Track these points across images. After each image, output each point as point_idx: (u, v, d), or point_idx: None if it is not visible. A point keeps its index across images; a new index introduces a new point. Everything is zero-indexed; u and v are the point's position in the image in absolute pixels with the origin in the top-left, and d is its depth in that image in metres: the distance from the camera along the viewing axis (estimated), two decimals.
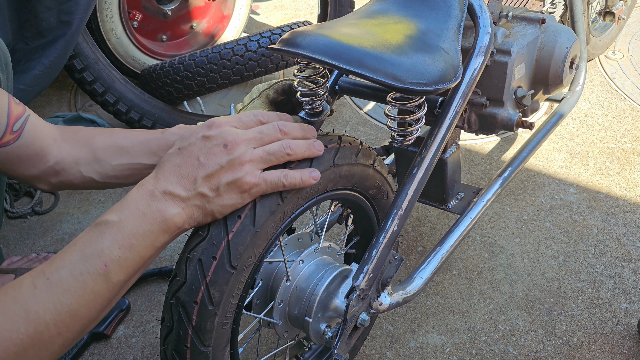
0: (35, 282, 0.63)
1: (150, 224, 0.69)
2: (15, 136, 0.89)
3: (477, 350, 1.31)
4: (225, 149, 0.72)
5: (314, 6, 3.02)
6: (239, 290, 0.85)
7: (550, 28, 1.29)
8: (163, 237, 0.72)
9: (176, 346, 0.83)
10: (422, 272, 1.11)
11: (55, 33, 1.59)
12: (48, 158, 0.94)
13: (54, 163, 0.94)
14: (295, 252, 1.03)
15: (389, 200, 1.12)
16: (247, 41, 1.93)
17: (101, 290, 0.66)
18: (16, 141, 0.90)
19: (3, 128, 0.88)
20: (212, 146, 0.72)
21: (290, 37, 0.89)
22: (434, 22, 1.00)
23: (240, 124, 0.77)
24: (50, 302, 0.63)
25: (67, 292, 0.64)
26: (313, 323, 0.99)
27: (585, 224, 1.63)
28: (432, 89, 0.88)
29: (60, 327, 0.64)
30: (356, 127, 2.09)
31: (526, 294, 1.43)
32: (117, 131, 1.05)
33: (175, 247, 1.61)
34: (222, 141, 0.73)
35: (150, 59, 2.19)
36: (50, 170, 0.94)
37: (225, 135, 0.73)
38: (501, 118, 1.22)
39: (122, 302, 1.41)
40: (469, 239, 1.59)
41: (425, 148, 1.01)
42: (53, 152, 0.94)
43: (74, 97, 2.34)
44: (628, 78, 2.29)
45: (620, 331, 1.34)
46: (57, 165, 0.95)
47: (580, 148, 1.92)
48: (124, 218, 0.68)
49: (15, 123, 0.89)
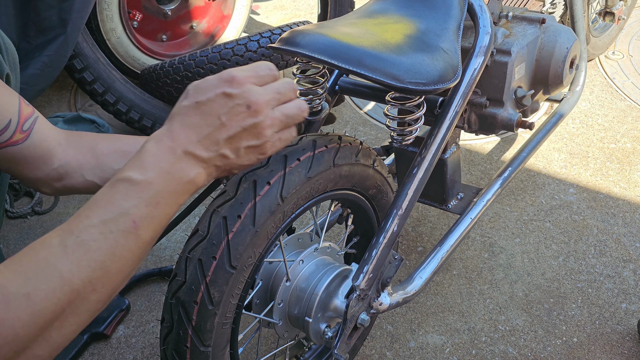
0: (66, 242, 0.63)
1: (175, 184, 0.68)
2: (24, 136, 0.90)
3: (477, 350, 1.31)
4: (249, 111, 0.70)
5: (314, 6, 3.02)
6: (239, 290, 0.85)
7: (550, 28, 1.29)
8: (186, 196, 0.71)
9: (176, 346, 0.83)
10: (422, 272, 1.11)
11: (55, 31, 1.60)
12: (53, 161, 0.94)
13: (58, 166, 0.95)
14: (295, 252, 1.03)
15: (389, 200, 1.12)
16: (247, 41, 1.93)
17: (132, 247, 0.66)
18: (25, 141, 0.90)
19: (14, 127, 0.88)
20: (235, 105, 0.70)
21: (290, 36, 0.89)
22: (433, 22, 1.00)
23: (259, 79, 0.74)
24: (84, 261, 0.63)
25: (99, 250, 0.64)
26: (313, 323, 0.99)
27: (585, 224, 1.63)
28: (431, 88, 0.88)
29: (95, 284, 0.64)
30: (356, 127, 2.09)
31: (526, 294, 1.43)
32: (121, 137, 1.05)
33: (175, 247, 1.61)
34: (245, 101, 0.70)
35: (150, 58, 2.19)
36: (55, 173, 0.95)
37: (248, 96, 0.70)
38: (501, 118, 1.22)
39: (122, 302, 1.41)
40: (469, 239, 1.59)
41: (425, 148, 1.01)
42: (58, 156, 0.95)
43: (74, 97, 2.34)
44: (628, 78, 2.29)
45: (620, 331, 1.34)
46: (61, 168, 0.95)
47: (580, 148, 1.92)
48: (149, 177, 0.67)
49: (25, 122, 0.89)
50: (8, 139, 0.88)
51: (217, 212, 0.83)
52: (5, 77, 0.96)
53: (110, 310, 1.39)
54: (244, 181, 0.85)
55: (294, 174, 0.86)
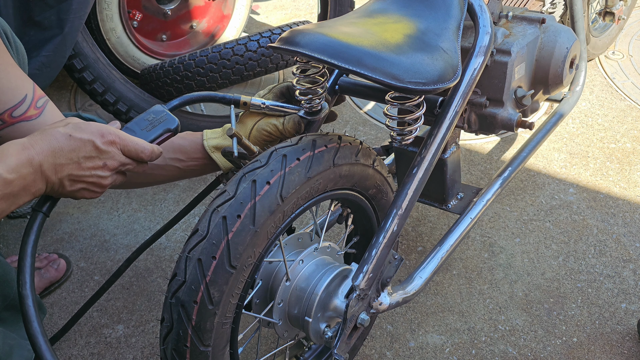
0: None
1: (18, 187, 0.78)
2: (38, 112, 0.97)
3: (476, 350, 1.31)
4: (103, 167, 0.84)
5: (314, 6, 3.02)
6: (239, 290, 0.85)
7: (550, 28, 1.29)
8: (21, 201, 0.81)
9: (176, 346, 0.83)
10: (422, 272, 1.11)
11: (53, 31, 1.60)
12: None
13: None
14: (295, 252, 1.03)
15: (388, 200, 1.12)
16: (247, 41, 1.93)
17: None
18: (38, 117, 0.97)
19: (29, 102, 0.95)
20: (96, 157, 0.83)
21: (290, 35, 0.89)
22: (433, 21, 1.00)
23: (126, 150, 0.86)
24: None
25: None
26: (313, 323, 0.99)
27: (585, 224, 1.63)
28: (430, 88, 0.88)
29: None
30: (356, 127, 2.09)
31: (526, 294, 1.43)
32: None
33: (175, 247, 1.61)
34: (105, 160, 0.84)
35: (150, 58, 2.18)
36: None
37: (109, 157, 0.84)
38: (501, 118, 1.22)
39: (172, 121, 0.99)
40: (469, 239, 1.59)
41: (425, 148, 1.01)
42: None
43: (73, 97, 2.34)
44: (628, 78, 2.29)
45: (620, 331, 1.34)
46: None
47: (580, 148, 1.92)
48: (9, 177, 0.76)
49: (39, 100, 0.97)
50: (23, 113, 0.95)
51: (217, 211, 0.83)
52: None
53: None
54: (244, 181, 0.85)
55: (293, 174, 0.86)
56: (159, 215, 1.73)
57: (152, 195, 1.81)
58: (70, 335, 1.38)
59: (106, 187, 0.87)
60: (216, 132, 1.09)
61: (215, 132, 1.09)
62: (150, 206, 1.77)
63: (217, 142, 1.07)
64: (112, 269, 1.55)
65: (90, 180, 0.84)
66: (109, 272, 1.54)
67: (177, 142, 1.08)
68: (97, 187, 0.86)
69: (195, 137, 1.09)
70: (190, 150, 1.09)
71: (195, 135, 1.10)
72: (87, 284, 1.52)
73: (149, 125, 0.93)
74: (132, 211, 1.75)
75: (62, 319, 1.42)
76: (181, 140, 1.09)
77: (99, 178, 0.84)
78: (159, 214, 1.74)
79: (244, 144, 0.96)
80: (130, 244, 1.63)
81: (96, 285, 1.51)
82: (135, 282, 1.51)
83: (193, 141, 1.09)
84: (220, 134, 1.08)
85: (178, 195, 1.80)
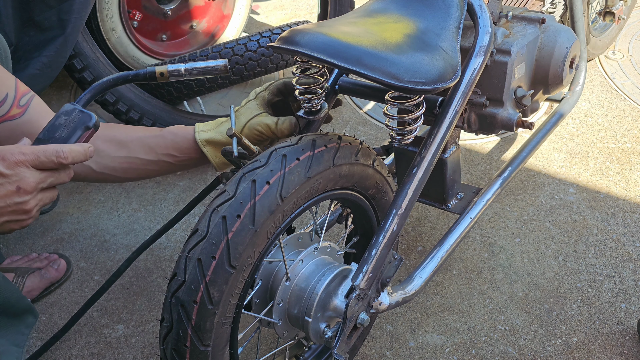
0: None
1: None
2: (21, 111, 0.92)
3: (476, 350, 1.31)
4: (18, 192, 0.75)
5: (314, 6, 3.02)
6: (239, 289, 0.85)
7: (550, 28, 1.29)
8: None
9: (176, 346, 0.83)
10: (422, 272, 1.11)
11: (54, 31, 1.60)
12: None
13: None
14: (295, 251, 1.03)
15: (388, 200, 1.12)
16: (247, 41, 1.93)
17: None
18: (22, 116, 0.92)
19: (11, 101, 0.91)
20: (5, 183, 0.75)
21: (289, 35, 0.89)
22: (433, 21, 1.00)
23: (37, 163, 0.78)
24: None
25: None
26: (313, 323, 0.99)
27: (585, 224, 1.63)
28: (430, 88, 0.88)
29: None
30: (356, 127, 2.09)
31: (526, 294, 1.43)
32: (116, 126, 1.06)
33: (174, 247, 1.61)
34: (16, 183, 0.75)
35: (150, 58, 2.18)
36: None
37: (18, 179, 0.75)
38: (501, 118, 1.22)
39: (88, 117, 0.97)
40: (469, 239, 1.59)
41: (425, 148, 1.01)
42: None
43: (74, 97, 2.34)
44: (628, 78, 2.29)
45: (620, 331, 1.34)
46: None
47: (580, 148, 1.92)
48: None
49: (22, 98, 0.92)
50: (5, 113, 0.91)
51: (216, 211, 0.83)
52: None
53: None
54: (244, 181, 0.85)
55: (293, 174, 0.86)
56: (159, 215, 1.73)
57: (152, 195, 1.81)
58: (70, 335, 1.38)
59: (33, 212, 0.78)
60: (208, 125, 1.09)
61: (207, 124, 1.09)
62: (150, 206, 1.77)
63: (209, 135, 1.07)
64: (112, 269, 1.55)
65: (8, 210, 0.76)
66: (109, 272, 1.54)
67: (169, 136, 1.08)
68: (22, 215, 0.77)
69: (187, 131, 1.09)
70: (182, 145, 1.08)
71: (187, 129, 1.10)
72: (87, 284, 1.52)
73: (64, 129, 0.84)
74: (132, 211, 1.75)
75: (62, 319, 1.42)
76: (173, 135, 1.08)
77: (18, 205, 0.76)
78: (159, 214, 1.74)
79: (244, 144, 0.96)
80: (130, 244, 1.63)
81: (96, 285, 1.51)
82: (135, 282, 1.51)
83: (184, 136, 1.08)
84: (213, 126, 1.08)
85: (178, 195, 1.80)
